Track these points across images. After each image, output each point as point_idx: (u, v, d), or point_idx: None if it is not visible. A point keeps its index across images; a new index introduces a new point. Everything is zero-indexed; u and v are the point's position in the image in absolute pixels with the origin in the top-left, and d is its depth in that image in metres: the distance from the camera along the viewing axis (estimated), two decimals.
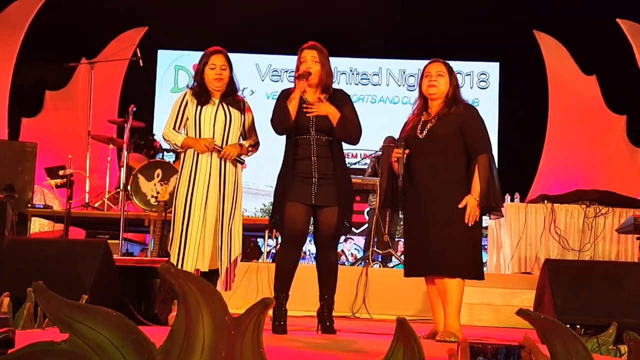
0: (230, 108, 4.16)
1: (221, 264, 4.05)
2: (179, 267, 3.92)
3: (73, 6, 9.76)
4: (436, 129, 3.84)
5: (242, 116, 4.20)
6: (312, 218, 4.03)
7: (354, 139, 4.03)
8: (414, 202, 3.89)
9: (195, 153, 4.10)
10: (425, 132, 3.86)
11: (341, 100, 4.05)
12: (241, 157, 4.18)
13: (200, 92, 4.17)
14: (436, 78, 3.91)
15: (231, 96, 4.18)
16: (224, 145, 4.11)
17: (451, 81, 3.93)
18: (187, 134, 4.16)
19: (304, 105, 3.95)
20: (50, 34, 9.53)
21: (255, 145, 4.27)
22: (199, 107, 4.13)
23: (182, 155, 4.19)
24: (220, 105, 4.15)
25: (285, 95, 4.02)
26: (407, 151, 3.84)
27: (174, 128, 4.16)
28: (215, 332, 1.50)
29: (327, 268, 4.05)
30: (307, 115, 3.92)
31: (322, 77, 3.99)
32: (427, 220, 3.78)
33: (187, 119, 4.16)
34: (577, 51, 10.31)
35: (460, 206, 3.74)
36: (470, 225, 3.73)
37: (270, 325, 3.85)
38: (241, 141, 4.23)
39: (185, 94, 4.21)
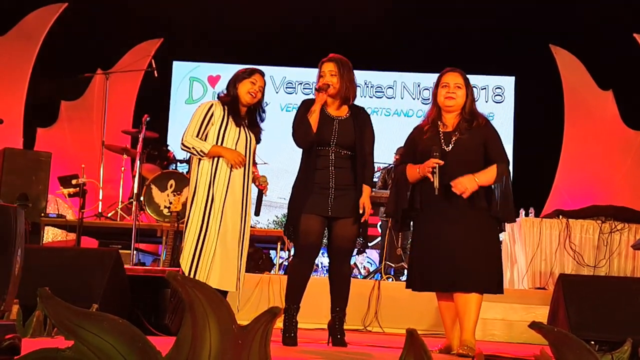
0: (250, 132, 4.19)
1: (239, 284, 4.05)
2: None
3: (89, 18, 9.82)
4: (463, 142, 3.77)
5: (256, 144, 4.26)
6: (326, 230, 4.01)
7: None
8: (433, 215, 3.81)
9: (214, 167, 4.06)
10: (451, 145, 3.78)
11: (362, 123, 4.04)
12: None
13: (228, 103, 4.15)
14: (454, 90, 3.82)
15: (253, 121, 4.22)
16: (247, 166, 4.12)
17: (468, 93, 3.85)
18: None
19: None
20: (65, 45, 9.59)
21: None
22: (225, 123, 4.10)
23: (197, 164, 4.13)
24: (243, 126, 4.16)
25: (305, 106, 4.02)
26: (442, 162, 3.69)
27: (196, 136, 4.09)
28: (221, 341, 1.48)
29: (340, 280, 4.01)
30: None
31: (340, 89, 3.99)
32: (450, 235, 3.69)
33: (209, 130, 4.10)
34: (594, 66, 10.23)
35: (452, 182, 3.64)
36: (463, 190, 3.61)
37: (279, 336, 3.82)
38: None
39: (212, 105, 4.15)
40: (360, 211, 3.90)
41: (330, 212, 3.90)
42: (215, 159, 4.07)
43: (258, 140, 4.26)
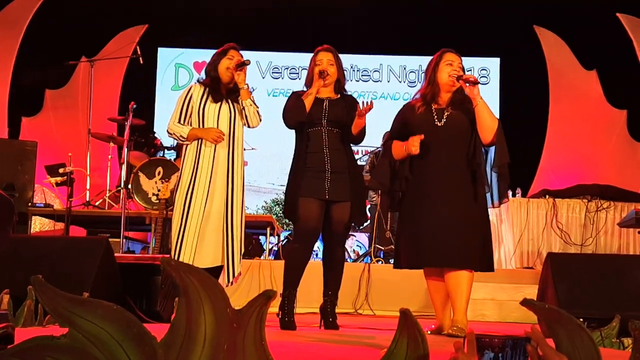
0: (235, 104, 4.16)
1: (231, 260, 4.03)
2: None
3: (73, 4, 9.73)
4: (455, 117, 3.79)
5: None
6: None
7: (358, 143, 4.13)
8: (422, 194, 3.80)
9: (198, 147, 4.08)
10: (444, 120, 3.79)
11: (350, 105, 4.08)
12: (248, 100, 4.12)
13: (209, 85, 4.15)
14: (457, 68, 3.84)
15: (237, 94, 4.17)
16: (231, 140, 4.09)
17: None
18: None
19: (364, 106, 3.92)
20: (49, 33, 9.49)
21: (257, 110, 4.18)
22: (204, 102, 4.12)
23: (184, 149, 4.18)
24: (225, 101, 4.15)
25: (297, 95, 4.07)
26: (422, 136, 3.73)
27: (178, 122, 4.14)
28: (216, 325, 1.49)
29: (335, 264, 4.05)
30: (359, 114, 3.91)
31: (338, 78, 4.09)
32: (440, 213, 3.69)
33: (191, 113, 4.14)
34: (578, 46, 10.27)
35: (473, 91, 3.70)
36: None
37: (274, 321, 3.83)
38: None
39: (190, 87, 4.21)
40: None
41: (328, 195, 3.92)
42: (199, 143, 4.10)
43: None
